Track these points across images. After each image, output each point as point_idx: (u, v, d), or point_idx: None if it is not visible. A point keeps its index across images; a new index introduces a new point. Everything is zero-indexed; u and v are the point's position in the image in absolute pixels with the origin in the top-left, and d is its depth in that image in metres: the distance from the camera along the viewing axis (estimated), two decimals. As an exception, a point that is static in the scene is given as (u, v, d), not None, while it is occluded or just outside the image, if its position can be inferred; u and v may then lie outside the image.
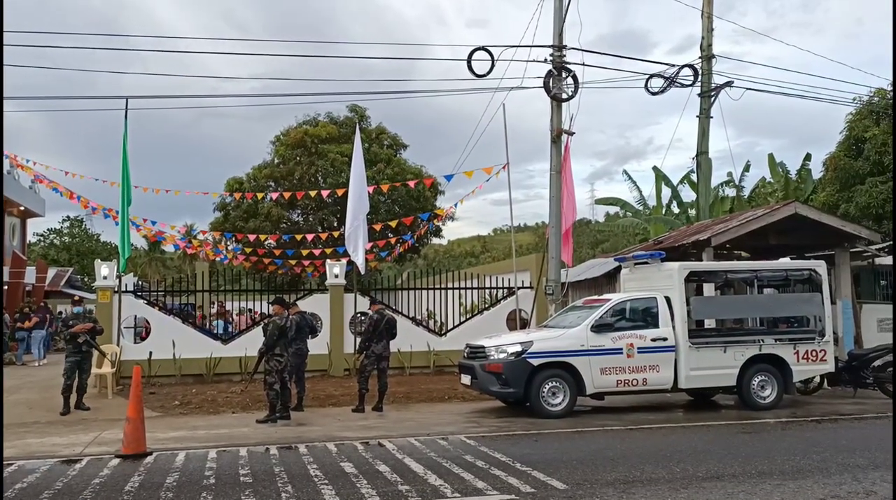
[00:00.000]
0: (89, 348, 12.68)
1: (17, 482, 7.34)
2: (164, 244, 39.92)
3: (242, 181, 35.97)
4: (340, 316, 17.03)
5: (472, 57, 15.05)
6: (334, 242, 28.59)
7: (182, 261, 56.95)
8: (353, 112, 36.64)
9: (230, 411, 12.38)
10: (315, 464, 7.97)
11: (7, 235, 35.44)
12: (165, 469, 7.82)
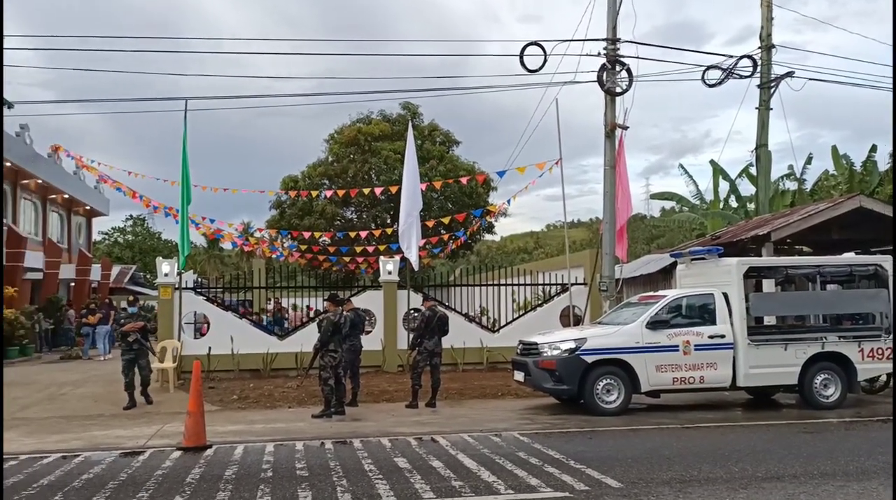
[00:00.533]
0: (140, 347, 12.78)
1: (84, 472, 7.60)
2: (223, 242, 40.80)
3: (298, 179, 36.54)
4: (394, 312, 17.16)
5: (524, 52, 14.96)
6: (388, 239, 28.80)
7: (239, 258, 58.16)
8: (406, 110, 36.82)
9: (286, 406, 12.59)
10: (369, 459, 8.05)
11: (74, 233, 36.73)
12: (225, 462, 8.00)
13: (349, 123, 37.44)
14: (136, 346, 12.66)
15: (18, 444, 9.39)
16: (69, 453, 8.72)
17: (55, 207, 34.29)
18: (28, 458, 8.43)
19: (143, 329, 12.90)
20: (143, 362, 12.78)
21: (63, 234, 35.33)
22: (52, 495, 6.62)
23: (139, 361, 12.72)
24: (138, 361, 12.71)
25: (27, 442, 9.51)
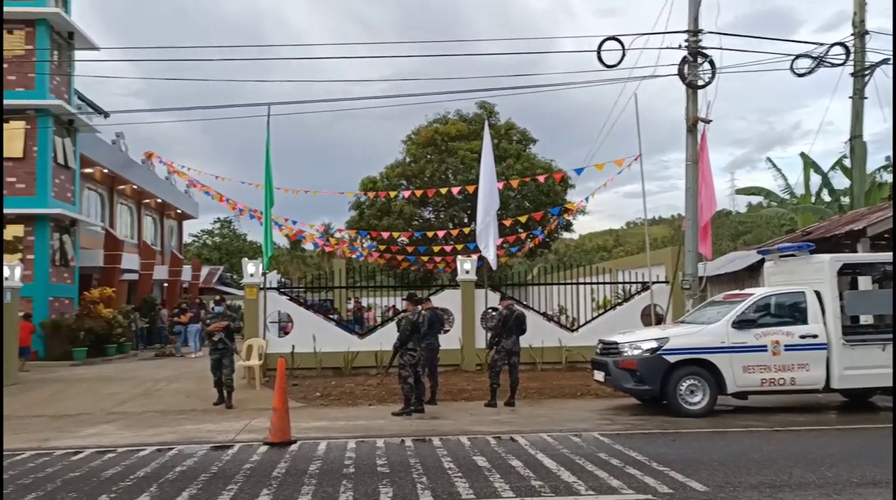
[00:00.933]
0: (225, 347, 12.79)
1: (178, 465, 7.94)
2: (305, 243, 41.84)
3: (376, 180, 37.07)
4: (472, 311, 17.20)
5: (601, 47, 14.74)
6: (465, 238, 28.89)
7: (321, 258, 59.46)
8: (482, 109, 36.85)
9: (367, 404, 12.80)
10: (449, 457, 8.10)
11: (167, 236, 38.34)
12: (309, 457, 8.20)
13: (426, 123, 37.76)
14: (220, 345, 12.76)
15: (117, 437, 9.90)
16: (163, 446, 9.12)
17: (149, 211, 35.91)
18: (126, 450, 8.86)
19: (227, 329, 12.92)
20: (226, 361, 12.83)
21: (156, 236, 36.96)
22: (148, 486, 6.94)
23: (223, 360, 12.82)
24: (222, 360, 12.82)
25: (125, 435, 10.00)
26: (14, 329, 16.24)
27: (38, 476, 7.46)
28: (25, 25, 22.44)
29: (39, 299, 22.18)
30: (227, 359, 12.79)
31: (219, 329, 12.78)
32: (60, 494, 6.69)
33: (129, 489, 6.82)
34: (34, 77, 22.39)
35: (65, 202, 23.68)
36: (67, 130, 24.10)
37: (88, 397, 14.08)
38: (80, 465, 8.04)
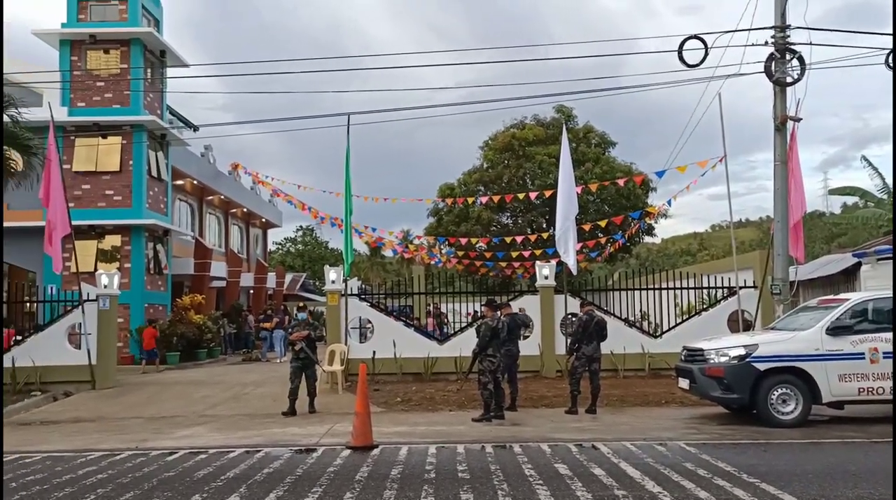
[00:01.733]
0: (306, 356, 12.67)
1: (265, 467, 8.17)
2: (384, 249, 42.41)
3: (454, 187, 37.25)
4: (551, 317, 17.05)
5: (683, 47, 14.40)
6: (543, 243, 28.70)
7: (400, 264, 60.13)
8: (560, 113, 36.58)
9: (447, 409, 12.86)
10: (529, 464, 8.05)
11: (252, 244, 39.59)
12: (390, 462, 8.30)
13: (503, 129, 37.74)
14: (301, 355, 12.65)
15: (208, 439, 10.27)
16: (251, 448, 9.41)
17: (235, 221, 37.18)
18: (216, 452, 9.18)
19: (308, 338, 12.83)
20: (309, 371, 12.71)
21: (243, 245, 38.22)
22: (238, 487, 7.17)
23: (306, 370, 12.69)
24: (305, 370, 12.68)
25: (216, 437, 10.37)
26: (113, 335, 17.06)
27: (136, 476, 7.82)
28: (121, 45, 23.63)
29: (136, 306, 23.25)
30: (309, 370, 12.72)
31: (300, 339, 12.74)
32: (156, 493, 6.99)
33: (219, 490, 7.06)
34: (129, 94, 23.54)
35: (158, 213, 24.77)
36: (160, 144, 25.23)
37: (182, 400, 14.67)
38: (175, 465, 8.38)
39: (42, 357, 16.04)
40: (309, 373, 12.70)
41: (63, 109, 22.82)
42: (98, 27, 23.47)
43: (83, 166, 23.47)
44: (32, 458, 9.12)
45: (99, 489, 7.21)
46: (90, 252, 23.15)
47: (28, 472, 8.19)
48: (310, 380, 12.72)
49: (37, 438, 10.85)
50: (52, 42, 23.71)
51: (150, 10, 24.95)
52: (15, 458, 9.17)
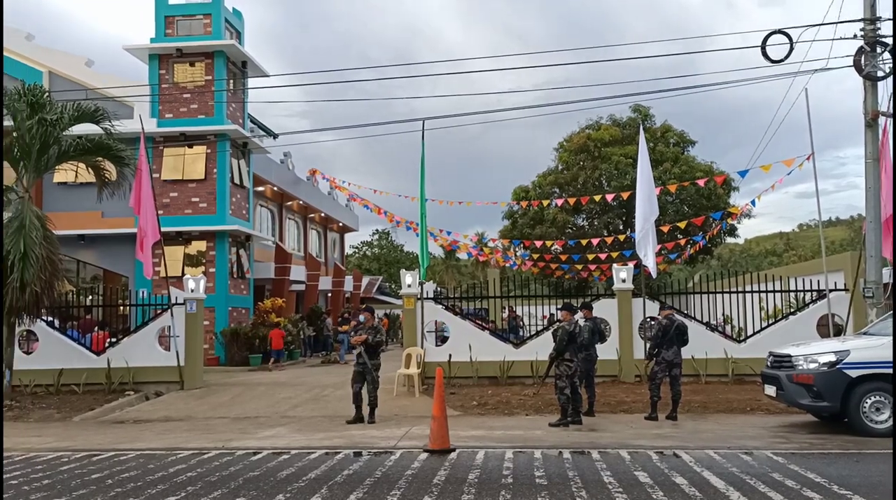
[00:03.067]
0: (364, 362, 12.11)
1: (345, 468, 8.33)
2: (459, 252, 42.57)
3: (528, 189, 37.08)
4: (629, 321, 16.75)
5: (766, 42, 13.94)
6: (620, 245, 28.25)
7: (475, 267, 60.26)
8: (637, 112, 35.95)
9: (524, 413, 12.81)
10: (608, 471, 7.94)
11: (330, 248, 40.39)
12: (467, 466, 8.33)
13: (578, 130, 37.34)
14: (360, 360, 12.18)
15: (290, 439, 10.54)
16: (331, 450, 9.61)
17: (314, 225, 38.02)
18: (298, 453, 9.42)
19: (365, 342, 12.15)
20: (368, 377, 12.09)
21: (321, 249, 39.05)
22: (319, 487, 7.33)
23: (366, 376, 12.09)
24: (365, 376, 12.10)
25: (297, 438, 10.63)
26: (199, 337, 17.70)
27: (223, 474, 8.10)
28: (205, 57, 24.53)
29: (220, 309, 24.07)
30: (369, 375, 12.08)
31: (358, 343, 12.25)
32: (242, 492, 7.22)
33: (302, 490, 7.24)
34: (213, 105, 24.41)
35: (240, 219, 25.58)
36: (242, 152, 26.06)
37: (264, 401, 15.10)
38: (259, 465, 8.64)
39: (134, 358, 16.78)
40: (368, 378, 12.07)
41: (152, 120, 23.85)
42: (184, 41, 24.43)
43: (171, 175, 24.45)
44: (127, 455, 9.57)
45: (189, 486, 7.50)
46: (178, 257, 24.10)
47: (123, 469, 8.60)
48: (368, 386, 12.08)
49: (130, 436, 11.37)
50: (141, 56, 24.82)
51: (233, 22, 25.81)
52: (111, 455, 9.64)
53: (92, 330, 18.78)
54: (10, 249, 14.30)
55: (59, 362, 16.64)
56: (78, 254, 24.53)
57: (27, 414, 13.99)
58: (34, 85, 16.67)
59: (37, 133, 15.24)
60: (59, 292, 16.54)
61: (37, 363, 16.64)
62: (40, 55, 25.17)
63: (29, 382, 16.15)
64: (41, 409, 14.42)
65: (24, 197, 15.41)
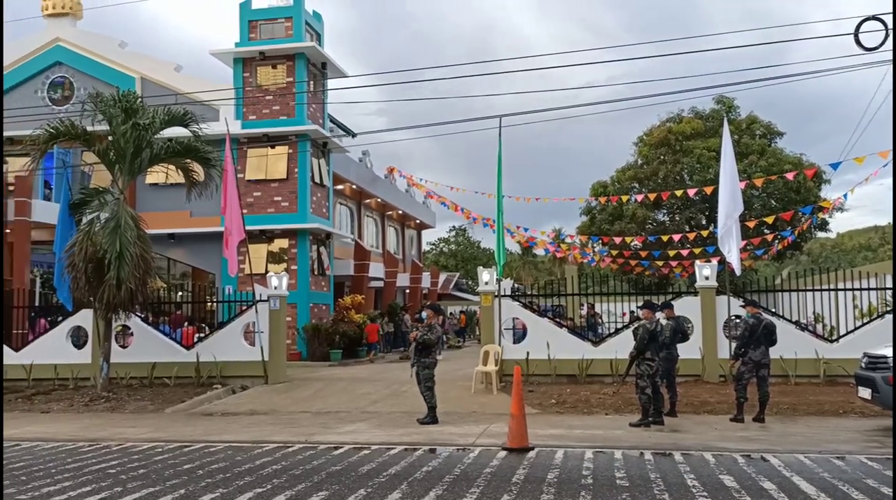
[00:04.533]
0: (416, 359, 11.83)
1: (424, 465, 8.42)
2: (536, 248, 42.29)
3: (607, 184, 36.56)
4: (713, 320, 16.29)
5: (860, 29, 13.28)
6: (703, 241, 27.49)
7: (552, 264, 59.77)
8: (720, 104, 34.92)
9: (603, 413, 12.64)
10: (692, 474, 7.75)
11: (407, 245, 40.83)
12: (546, 465, 8.28)
13: (658, 123, 36.54)
14: (412, 357, 12.04)
15: (370, 435, 10.72)
16: (411, 446, 9.72)
17: (391, 222, 38.51)
18: (378, 448, 9.58)
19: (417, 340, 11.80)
20: (421, 376, 11.78)
21: (398, 246, 39.52)
22: (399, 483, 7.43)
23: (419, 373, 11.81)
24: (419, 373, 11.81)
25: (377, 434, 10.80)
26: (282, 332, 18.18)
27: (307, 468, 8.32)
28: (287, 60, 25.15)
29: (302, 306, 24.67)
30: (422, 372, 11.80)
31: (412, 340, 12.07)
32: (325, 485, 7.40)
33: (382, 485, 7.36)
34: (294, 106, 25.02)
35: (321, 217, 26.14)
36: (322, 152, 26.62)
37: (344, 396, 15.41)
38: (340, 459, 8.83)
39: (222, 353, 17.39)
40: (421, 377, 11.75)
41: (237, 122, 24.65)
42: (267, 44, 25.11)
43: (254, 175, 25.20)
44: (216, 447, 9.94)
45: (274, 479, 7.74)
46: (261, 255, 24.82)
47: (212, 460, 8.94)
48: (420, 385, 11.81)
49: (218, 428, 11.80)
50: (226, 60, 25.66)
51: (313, 25, 26.37)
52: (201, 446, 10.03)
53: (182, 325, 19.59)
54: (107, 248, 15.05)
55: (152, 356, 17.40)
56: (168, 252, 25.59)
57: (123, 406, 14.69)
58: (128, 91, 17.46)
59: (131, 137, 15.98)
60: (151, 289, 17.32)
61: (132, 357, 17.46)
62: (133, 62, 26.36)
63: (125, 374, 16.96)
64: (136, 400, 15.12)
65: (119, 198, 16.19)
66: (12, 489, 7.48)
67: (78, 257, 15.38)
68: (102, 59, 26.34)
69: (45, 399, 15.55)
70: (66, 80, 26.71)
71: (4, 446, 10.38)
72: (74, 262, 15.49)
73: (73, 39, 26.72)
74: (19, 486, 7.59)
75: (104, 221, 15.80)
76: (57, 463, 8.93)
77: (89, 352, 17.52)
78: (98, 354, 16.61)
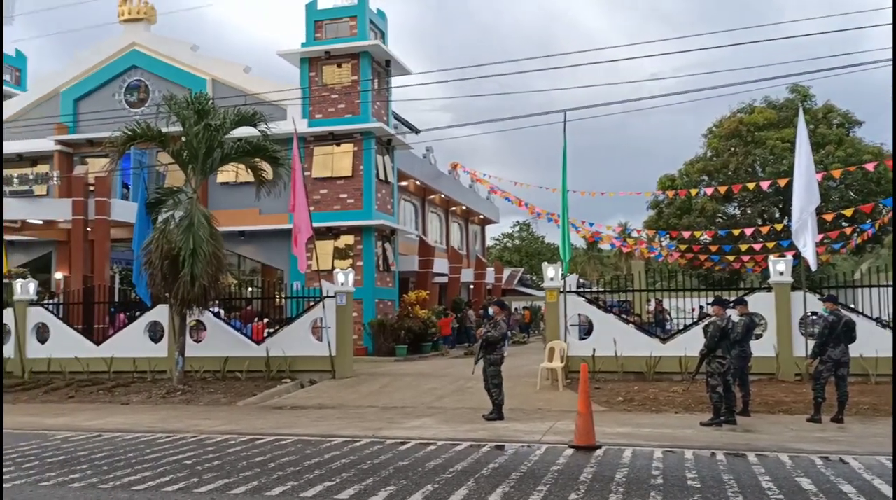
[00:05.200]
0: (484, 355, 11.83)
1: (491, 461, 8.42)
2: (601, 243, 41.76)
3: (675, 178, 35.80)
4: (787, 316, 15.76)
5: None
6: (776, 235, 26.66)
7: (618, 258, 58.89)
8: (795, 93, 33.73)
9: (672, 411, 12.39)
10: (767, 475, 7.53)
11: (471, 240, 40.84)
12: (614, 464, 8.17)
13: (728, 114, 35.55)
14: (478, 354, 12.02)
15: (436, 430, 10.77)
16: (477, 442, 9.74)
17: (455, 218, 38.57)
18: (444, 444, 9.63)
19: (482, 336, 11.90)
20: (488, 371, 11.77)
21: (462, 241, 39.56)
22: (466, 480, 7.45)
23: (486, 368, 11.81)
24: (485, 368, 11.82)
25: (443, 430, 10.84)
26: (349, 328, 18.45)
27: (374, 463, 8.42)
28: (351, 58, 25.45)
29: (368, 302, 24.97)
30: (488, 370, 11.78)
31: (478, 336, 12.21)
32: (393, 480, 7.48)
33: (449, 482, 7.39)
34: (359, 104, 25.30)
35: (385, 214, 26.37)
36: (386, 149, 26.84)
37: (410, 391, 15.53)
38: (407, 455, 8.90)
39: (290, 348, 17.74)
40: (488, 373, 11.74)
41: (304, 121, 25.06)
42: (332, 44, 25.45)
43: (321, 173, 25.60)
44: (286, 440, 10.16)
45: (343, 473, 7.86)
46: (328, 251, 25.20)
47: (283, 453, 9.14)
48: (486, 382, 11.82)
49: (288, 422, 12.05)
50: (293, 61, 26.12)
51: (377, 23, 26.60)
52: (272, 439, 10.27)
53: (252, 320, 20.08)
54: (182, 246, 15.54)
55: (225, 350, 17.90)
56: (239, 249, 26.26)
57: (198, 398, 15.15)
58: (200, 93, 17.98)
59: (203, 138, 16.45)
60: (223, 285, 17.81)
61: (205, 351, 18.00)
62: (204, 64, 27.10)
63: (199, 368, 17.50)
64: (210, 393, 15.58)
65: (192, 197, 16.69)
66: (95, 478, 7.81)
67: (154, 255, 15.93)
68: (175, 63, 27.18)
69: (124, 391, 16.18)
70: (141, 84, 27.65)
71: (87, 436, 10.86)
72: (151, 259, 16.04)
73: (148, 44, 27.64)
74: (102, 476, 7.93)
75: (178, 219, 16.30)
76: (136, 454, 9.29)
77: (165, 346, 18.14)
78: (174, 348, 17.18)
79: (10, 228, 23.62)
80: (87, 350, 18.70)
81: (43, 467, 8.46)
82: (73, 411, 13.82)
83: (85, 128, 27.24)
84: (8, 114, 28.76)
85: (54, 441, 10.39)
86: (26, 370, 18.54)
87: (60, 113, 27.95)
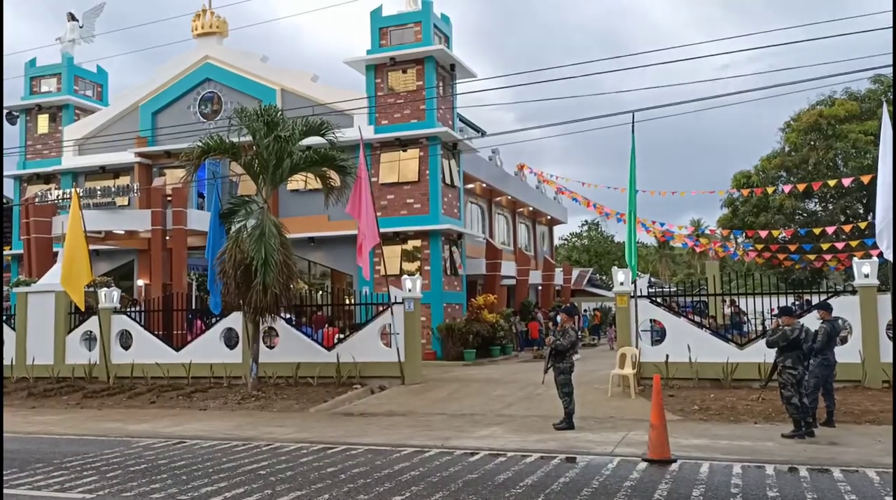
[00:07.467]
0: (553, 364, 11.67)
1: (561, 475, 8.28)
2: (673, 242, 40.82)
3: (750, 175, 34.71)
4: (873, 321, 15.01)
5: None
6: (860, 232, 25.53)
7: (690, 256, 57.46)
8: (878, 83, 32.21)
9: (751, 421, 11.97)
10: (853, 494, 7.18)
11: (539, 241, 40.52)
12: (691, 480, 7.92)
13: (807, 107, 34.21)
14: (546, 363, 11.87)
15: (505, 440, 10.68)
16: (546, 453, 9.61)
17: (522, 219, 38.32)
18: (514, 455, 9.53)
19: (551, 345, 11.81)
20: (558, 379, 11.64)
21: (530, 243, 39.28)
22: (536, 496, 7.35)
23: (556, 377, 11.65)
24: (556, 377, 11.66)
25: (513, 440, 10.75)
26: (417, 333, 18.49)
27: (443, 475, 8.39)
28: (416, 64, 25.58)
29: (436, 306, 25.04)
30: (558, 378, 11.63)
31: (548, 344, 12.06)
32: (462, 495, 7.44)
33: (519, 497, 7.30)
34: (425, 109, 25.41)
35: (452, 218, 26.40)
36: (452, 153, 26.87)
37: (479, 398, 15.47)
38: (477, 467, 8.84)
39: (360, 354, 17.93)
40: (559, 380, 11.59)
41: (370, 127, 25.33)
42: (397, 50, 25.63)
43: (387, 178, 25.83)
44: (357, 450, 10.25)
45: (413, 486, 7.86)
46: (395, 255, 25.40)
47: (354, 464, 9.21)
48: (558, 390, 11.68)
49: (359, 429, 12.16)
50: (359, 68, 26.44)
51: (441, 27, 26.65)
52: (343, 448, 10.38)
53: (323, 326, 20.39)
54: (254, 255, 15.90)
55: (297, 356, 18.22)
56: (308, 255, 26.73)
57: (271, 404, 15.47)
58: (269, 105, 18.36)
59: (273, 149, 16.80)
60: (294, 293, 18.13)
61: (278, 357, 18.36)
62: (273, 75, 27.72)
63: (272, 374, 17.87)
64: (282, 399, 15.88)
65: (263, 207, 17.06)
66: (174, 488, 8.04)
67: (228, 264, 16.35)
68: (246, 74, 27.88)
69: (202, 397, 16.65)
70: (214, 96, 28.47)
71: (168, 443, 11.21)
72: (225, 268, 16.47)
73: (220, 56, 28.45)
74: (181, 486, 8.15)
75: (250, 229, 16.67)
76: (213, 462, 9.52)
77: (240, 352, 18.59)
78: (248, 354, 17.60)
79: (95, 238, 24.61)
80: (167, 356, 19.33)
81: (125, 476, 8.76)
82: (154, 417, 14.30)
83: (162, 140, 28.25)
84: (90, 129, 30.09)
85: (137, 448, 10.76)
86: (111, 376, 19.28)
87: (140, 127, 29.05)
